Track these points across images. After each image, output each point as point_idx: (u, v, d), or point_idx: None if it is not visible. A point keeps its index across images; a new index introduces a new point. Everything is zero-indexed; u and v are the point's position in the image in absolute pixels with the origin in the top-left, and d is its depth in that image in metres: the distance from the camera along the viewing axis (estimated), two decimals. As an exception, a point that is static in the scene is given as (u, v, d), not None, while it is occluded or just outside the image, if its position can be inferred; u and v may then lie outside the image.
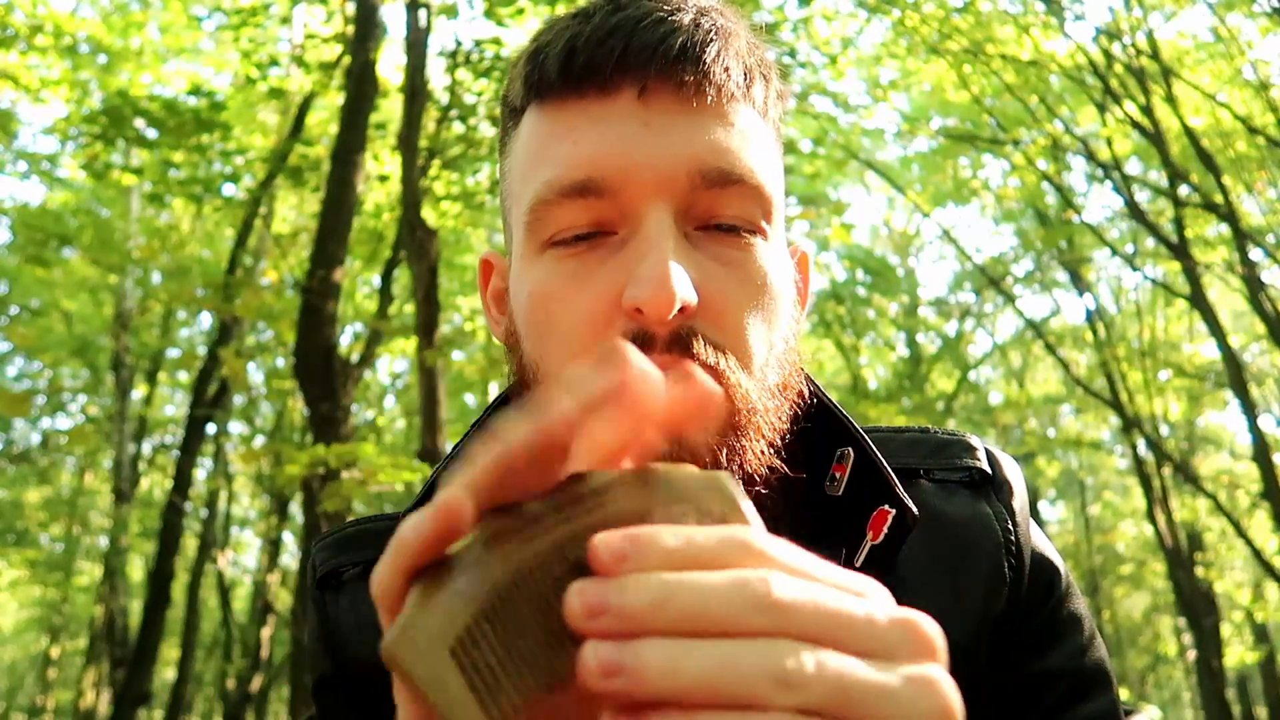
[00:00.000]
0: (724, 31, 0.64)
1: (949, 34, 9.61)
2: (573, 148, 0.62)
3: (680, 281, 0.58)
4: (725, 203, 0.63)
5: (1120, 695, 0.74)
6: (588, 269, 0.62)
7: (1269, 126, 9.27)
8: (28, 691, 22.31)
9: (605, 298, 0.61)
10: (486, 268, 0.77)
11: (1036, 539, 0.75)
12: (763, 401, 0.63)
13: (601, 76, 0.62)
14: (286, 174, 8.76)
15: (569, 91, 0.63)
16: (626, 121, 0.62)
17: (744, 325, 0.62)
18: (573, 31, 0.63)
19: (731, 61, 0.64)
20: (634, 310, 0.59)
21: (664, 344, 0.59)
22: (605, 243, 0.63)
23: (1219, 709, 11.71)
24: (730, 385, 0.60)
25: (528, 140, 0.66)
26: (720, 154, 0.62)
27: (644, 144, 0.61)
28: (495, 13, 6.89)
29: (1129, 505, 19.93)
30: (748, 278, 0.63)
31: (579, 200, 0.62)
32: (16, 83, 9.04)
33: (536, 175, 0.64)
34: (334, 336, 6.71)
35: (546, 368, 0.64)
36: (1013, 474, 0.77)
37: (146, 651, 9.97)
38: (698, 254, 0.61)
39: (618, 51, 0.61)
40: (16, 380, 15.71)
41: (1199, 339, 14.67)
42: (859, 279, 16.39)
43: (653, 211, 0.61)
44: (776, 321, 0.65)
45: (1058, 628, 0.73)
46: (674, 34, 0.62)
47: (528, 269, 0.65)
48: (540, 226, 0.63)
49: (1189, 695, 18.58)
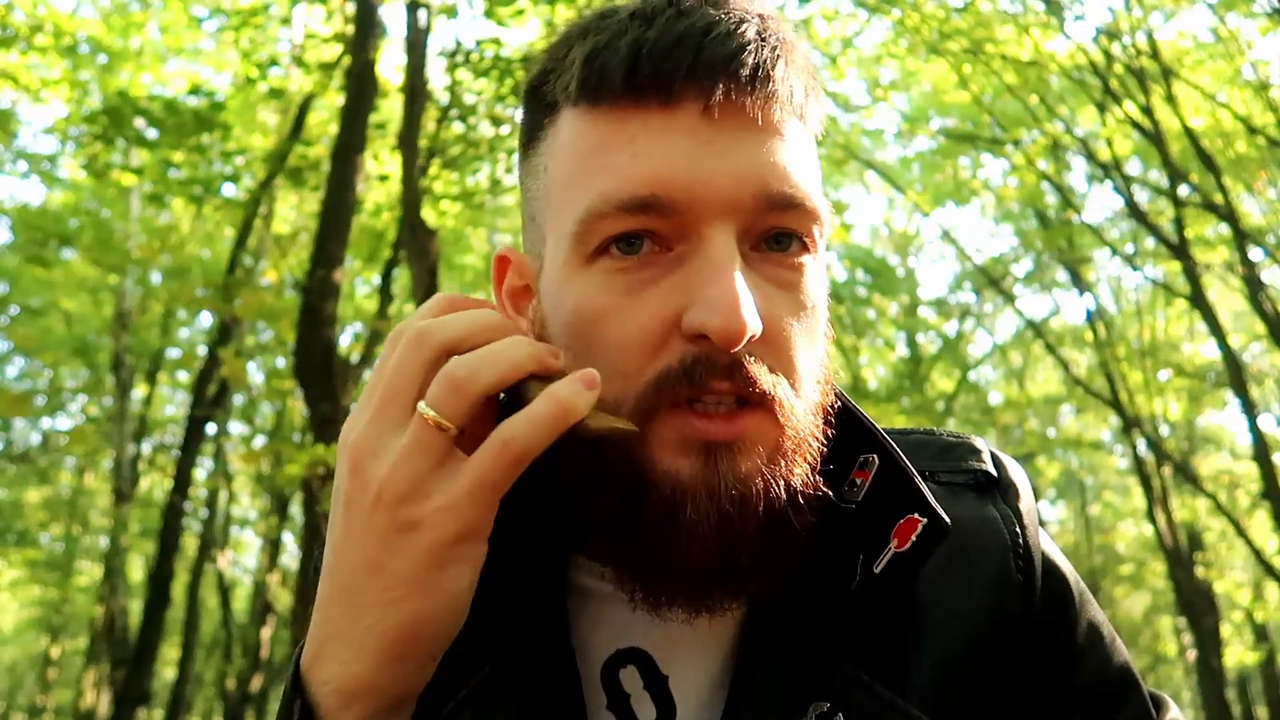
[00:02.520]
0: (787, 47, 0.63)
1: (949, 34, 9.61)
2: (632, 160, 0.60)
3: (750, 311, 0.57)
4: (784, 225, 0.62)
5: (1145, 689, 0.74)
6: (641, 286, 0.60)
7: (1269, 126, 9.26)
8: (28, 691, 22.32)
9: (662, 318, 0.60)
10: (503, 263, 0.74)
11: (1045, 545, 0.75)
12: (808, 424, 0.63)
13: (667, 87, 0.60)
14: (286, 174, 8.77)
15: (629, 99, 0.61)
16: (690, 137, 0.60)
17: (796, 349, 0.62)
18: (634, 36, 0.61)
19: (795, 80, 0.63)
20: (696, 335, 0.58)
21: (725, 370, 0.59)
22: (660, 260, 0.61)
23: (1219, 709, 11.71)
24: (785, 412, 0.60)
25: (575, 143, 0.64)
26: (782, 177, 0.61)
27: (709, 163, 0.59)
28: (495, 13, 6.88)
29: (1129, 505, 19.93)
30: (800, 302, 0.63)
31: (638, 216, 0.60)
32: (16, 83, 9.04)
33: (590, 184, 0.61)
34: (334, 336, 6.71)
35: None
36: (1018, 477, 0.77)
37: (146, 651, 9.97)
38: (755, 276, 0.61)
39: (686, 63, 0.59)
40: (17, 380, 15.72)
41: (1199, 339, 14.68)
42: (859, 279, 16.39)
43: (717, 233, 0.59)
44: (819, 341, 0.65)
45: (1080, 643, 0.73)
46: (744, 50, 0.60)
47: (572, 280, 0.63)
48: (590, 238, 0.61)
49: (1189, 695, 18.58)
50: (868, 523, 0.67)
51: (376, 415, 0.58)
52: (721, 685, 0.66)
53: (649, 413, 0.60)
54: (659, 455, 0.60)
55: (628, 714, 0.66)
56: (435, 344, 0.59)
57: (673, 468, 0.59)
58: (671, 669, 0.67)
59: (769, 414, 0.60)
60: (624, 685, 0.67)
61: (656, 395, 0.60)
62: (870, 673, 0.65)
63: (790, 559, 0.62)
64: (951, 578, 0.69)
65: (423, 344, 0.59)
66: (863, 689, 0.64)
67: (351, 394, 6.83)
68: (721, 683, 0.67)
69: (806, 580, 0.65)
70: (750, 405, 0.60)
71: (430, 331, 0.59)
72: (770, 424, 0.60)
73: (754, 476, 0.59)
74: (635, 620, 0.66)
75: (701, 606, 0.62)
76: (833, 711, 0.64)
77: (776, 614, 0.66)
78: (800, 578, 0.64)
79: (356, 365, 7.15)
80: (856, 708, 0.64)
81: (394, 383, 0.58)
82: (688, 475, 0.59)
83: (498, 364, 0.57)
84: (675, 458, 0.59)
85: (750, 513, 0.59)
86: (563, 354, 0.62)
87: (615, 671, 0.67)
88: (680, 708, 0.66)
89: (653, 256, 0.61)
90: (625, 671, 0.67)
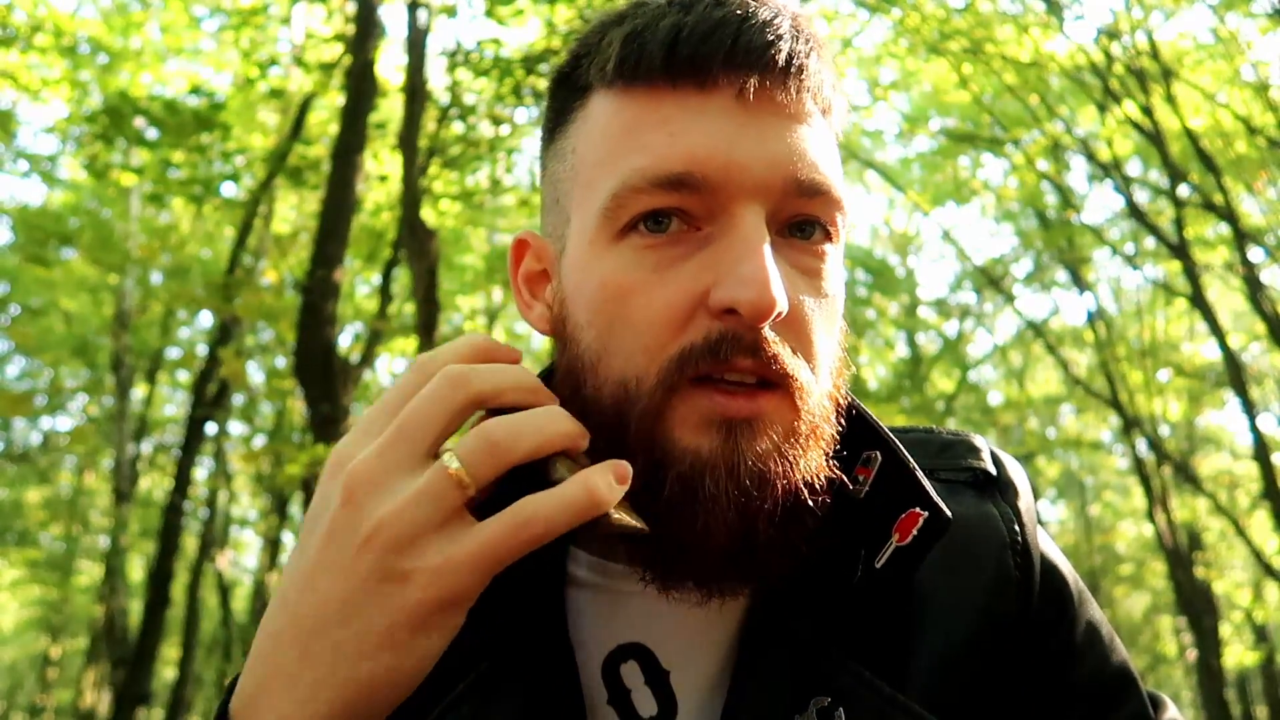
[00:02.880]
0: (818, 43, 0.65)
1: (949, 34, 9.61)
2: (669, 138, 0.61)
3: (779, 288, 0.58)
4: (810, 212, 0.63)
5: (1144, 690, 0.74)
6: (669, 263, 0.61)
7: (1269, 126, 9.27)
8: (28, 691, 22.32)
9: (690, 293, 0.60)
10: (521, 247, 0.74)
11: (1044, 544, 0.75)
12: (824, 410, 0.63)
13: (704, 71, 0.61)
14: (286, 174, 8.77)
15: (665, 80, 0.62)
16: (725, 120, 0.61)
17: (816, 334, 0.63)
18: (674, 20, 0.63)
19: (826, 74, 0.65)
20: (724, 310, 0.59)
21: (749, 347, 0.59)
22: (689, 237, 0.62)
23: (1219, 709, 11.71)
24: (803, 395, 0.61)
25: (608, 123, 0.64)
26: (810, 165, 0.62)
27: (744, 145, 0.61)
28: (495, 13, 6.89)
29: (1129, 505, 19.93)
30: (821, 288, 0.64)
31: (671, 192, 0.61)
32: (16, 83, 9.04)
33: (624, 162, 0.62)
34: (334, 336, 6.71)
35: (610, 361, 0.62)
36: (1017, 475, 0.77)
37: (146, 651, 9.97)
38: (779, 259, 0.61)
39: (724, 49, 0.61)
40: (17, 380, 15.72)
41: (1199, 339, 14.68)
42: (859, 279, 16.39)
43: (748, 213, 0.61)
44: (836, 330, 0.66)
45: (1078, 641, 0.73)
46: (780, 40, 0.62)
47: (600, 256, 0.63)
48: (621, 213, 0.62)
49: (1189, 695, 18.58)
50: (870, 518, 0.67)
51: (388, 447, 0.54)
52: (722, 680, 0.67)
53: (671, 389, 0.60)
54: (679, 431, 0.60)
55: (629, 709, 0.66)
56: (471, 392, 0.56)
57: (693, 444, 0.60)
58: (673, 664, 0.67)
59: (787, 396, 0.61)
60: (625, 680, 0.67)
61: (680, 371, 0.60)
62: (871, 668, 0.65)
63: (803, 544, 0.62)
64: (951, 574, 0.70)
65: (457, 388, 0.56)
66: (863, 684, 0.65)
67: (351, 394, 6.83)
68: (722, 678, 0.67)
69: (808, 575, 0.65)
70: (770, 386, 0.60)
71: (468, 378, 0.56)
72: (788, 406, 0.61)
73: (771, 456, 0.60)
74: (635, 615, 0.67)
75: (714, 589, 0.62)
76: (833, 706, 0.64)
77: (777, 609, 0.66)
78: (802, 573, 0.64)
79: (356, 365, 7.14)
80: (857, 703, 0.64)
81: (416, 419, 0.55)
82: (707, 451, 0.59)
83: (538, 435, 0.55)
84: (695, 434, 0.60)
85: (768, 491, 0.59)
86: (588, 332, 0.63)
87: (616, 666, 0.67)
88: (681, 703, 0.66)
89: (681, 235, 0.62)
90: (626, 666, 0.67)
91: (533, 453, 0.55)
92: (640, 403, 0.61)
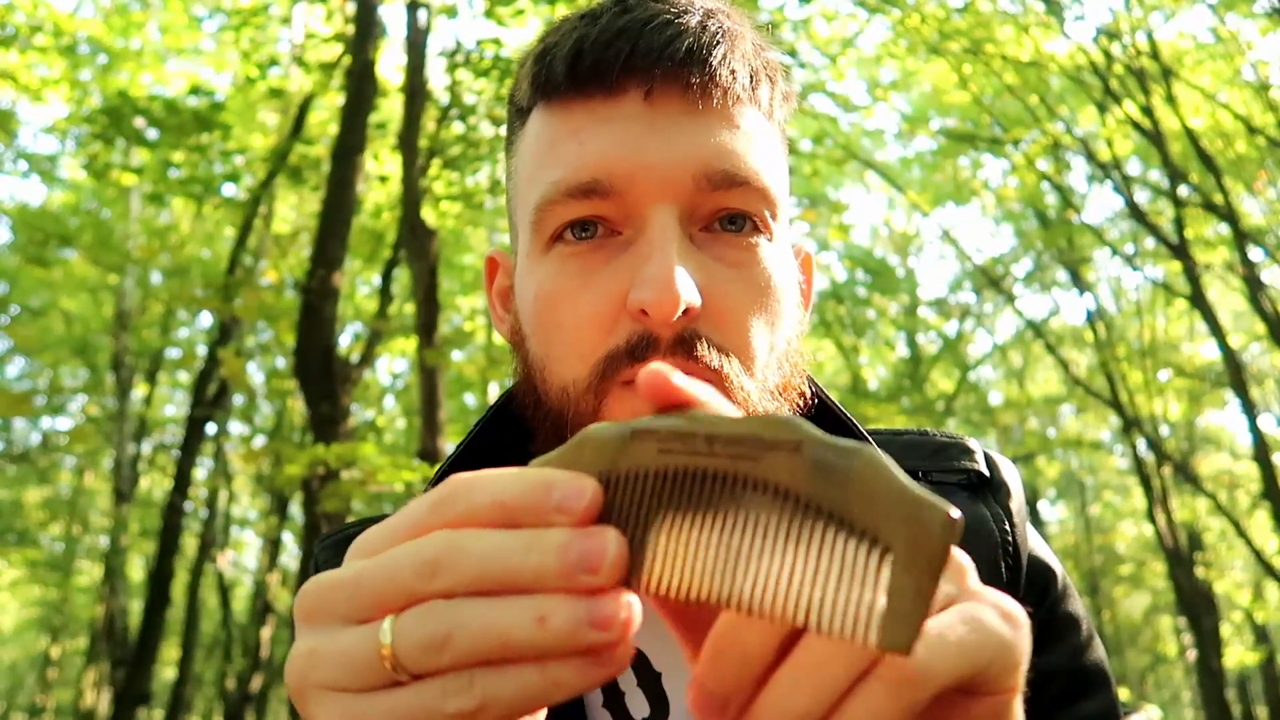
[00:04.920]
0: (730, 34, 0.65)
1: (949, 34, 9.61)
2: (579, 148, 0.62)
3: (684, 284, 0.58)
4: (730, 204, 0.63)
5: (1119, 696, 0.74)
6: (592, 269, 0.62)
7: (1269, 126, 9.27)
8: (28, 691, 22.31)
9: (611, 298, 0.61)
10: (492, 265, 0.77)
11: (1033, 542, 0.76)
12: (763, 404, 0.63)
13: (608, 78, 0.62)
14: (286, 174, 8.76)
15: (575, 92, 0.64)
16: (632, 123, 0.62)
17: (747, 327, 0.63)
18: (580, 33, 0.64)
19: (737, 64, 0.64)
20: (639, 312, 0.60)
21: (668, 346, 0.60)
22: (610, 243, 0.63)
23: (1219, 709, 11.71)
24: (733, 389, 0.61)
25: (534, 140, 0.67)
26: (725, 156, 0.62)
27: (649, 146, 0.61)
28: (495, 13, 6.88)
29: (1129, 505, 19.92)
30: (752, 279, 0.63)
31: (585, 201, 0.62)
32: (16, 83, 9.04)
33: (543, 175, 0.64)
34: (334, 337, 6.70)
35: (552, 367, 0.64)
36: (1010, 477, 0.77)
37: (146, 651, 9.97)
38: (702, 255, 0.62)
39: (624, 53, 0.62)
40: (17, 380, 15.72)
41: (1199, 339, 14.68)
42: (859, 279, 16.39)
43: (658, 214, 0.61)
44: (779, 322, 0.65)
45: (1054, 628, 0.73)
46: (680, 36, 0.62)
47: (533, 268, 0.65)
48: (545, 226, 0.64)
49: (1189, 695, 18.58)
50: None
51: (344, 584, 0.40)
52: None
53: (601, 392, 0.61)
54: None
55: (622, 711, 0.67)
56: (443, 585, 0.38)
57: None
58: (664, 666, 0.67)
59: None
60: (619, 682, 0.67)
61: (606, 374, 0.61)
62: None
63: None
64: None
65: (424, 577, 0.38)
66: None
67: (351, 394, 6.83)
68: None
69: None
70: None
71: (446, 566, 0.38)
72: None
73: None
74: None
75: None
76: None
77: None
78: None
79: (357, 365, 7.14)
80: None
81: (374, 576, 0.39)
82: None
83: (522, 681, 0.38)
84: None
85: None
86: (532, 341, 0.65)
87: None
88: (673, 704, 0.67)
89: (604, 241, 0.63)
90: None
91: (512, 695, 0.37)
92: (576, 406, 0.63)
